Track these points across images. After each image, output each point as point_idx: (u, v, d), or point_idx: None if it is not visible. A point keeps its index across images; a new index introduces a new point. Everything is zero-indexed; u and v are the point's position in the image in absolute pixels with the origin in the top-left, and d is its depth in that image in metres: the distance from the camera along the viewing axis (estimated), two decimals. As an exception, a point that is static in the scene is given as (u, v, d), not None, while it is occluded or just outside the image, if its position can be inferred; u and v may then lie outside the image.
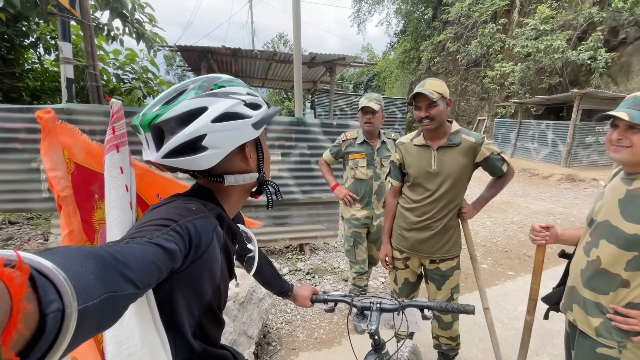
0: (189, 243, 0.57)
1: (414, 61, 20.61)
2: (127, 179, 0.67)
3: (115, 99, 0.66)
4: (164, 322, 0.63)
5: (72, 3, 3.12)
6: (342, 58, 7.41)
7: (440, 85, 1.63)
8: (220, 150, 0.65)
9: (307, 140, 3.47)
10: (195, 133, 0.62)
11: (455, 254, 1.85)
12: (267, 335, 2.54)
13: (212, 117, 0.63)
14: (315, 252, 3.87)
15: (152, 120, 0.62)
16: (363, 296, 1.18)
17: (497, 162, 1.73)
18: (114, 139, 0.66)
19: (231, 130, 0.66)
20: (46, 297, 0.28)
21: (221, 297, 0.75)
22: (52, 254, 0.32)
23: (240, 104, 0.68)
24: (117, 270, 0.39)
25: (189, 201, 0.66)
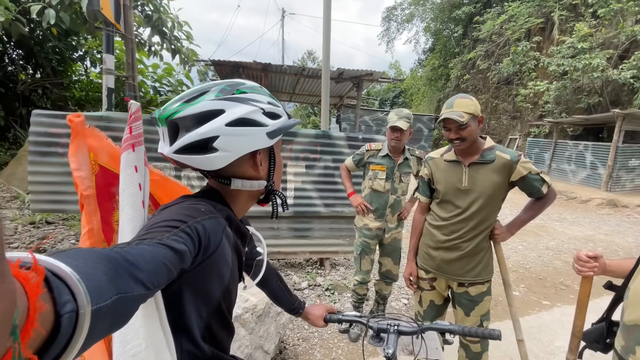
0: (198, 244, 0.58)
1: (442, 78, 20.42)
2: (141, 178, 0.68)
3: (134, 101, 0.68)
4: (172, 322, 0.63)
5: (117, 18, 3.33)
6: (370, 73, 7.45)
7: (470, 104, 1.55)
8: (230, 153, 0.66)
9: (332, 154, 3.45)
10: (208, 134, 0.63)
11: (486, 278, 1.73)
12: (284, 351, 2.47)
13: (228, 120, 0.64)
14: (336, 268, 3.78)
15: (171, 115, 0.64)
16: (380, 317, 1.11)
17: (536, 183, 1.61)
18: (130, 138, 0.67)
19: (244, 136, 0.67)
20: (61, 298, 0.29)
21: (231, 300, 0.75)
22: (65, 256, 0.33)
23: (258, 112, 0.69)
24: (128, 272, 0.40)
25: (198, 202, 0.67)
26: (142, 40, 7.61)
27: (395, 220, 2.53)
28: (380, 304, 2.76)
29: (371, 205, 2.49)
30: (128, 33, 3.54)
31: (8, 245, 3.20)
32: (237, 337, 1.98)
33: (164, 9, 7.45)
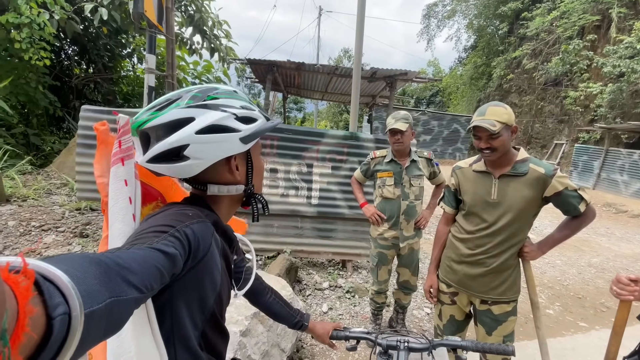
0: (188, 247, 0.57)
1: (483, 78, 19.46)
2: (131, 192, 0.68)
3: (122, 115, 0.69)
4: (167, 333, 0.63)
5: (159, 20, 3.51)
6: (404, 73, 7.26)
7: (504, 113, 1.46)
8: (202, 161, 0.66)
9: (359, 156, 3.41)
10: (177, 142, 0.63)
11: (511, 297, 1.63)
12: (301, 350, 2.51)
13: (197, 128, 0.64)
14: (358, 271, 3.76)
15: (141, 125, 0.64)
16: (388, 333, 1.09)
17: (572, 200, 1.48)
18: (119, 152, 0.67)
19: (215, 143, 0.66)
20: (52, 300, 0.28)
21: (222, 305, 0.74)
22: (55, 261, 0.33)
23: (229, 117, 0.68)
24: (120, 275, 0.39)
25: (185, 208, 0.67)
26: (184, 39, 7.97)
27: (411, 228, 2.42)
28: (400, 312, 2.70)
29: (384, 214, 2.42)
30: (169, 34, 3.72)
31: (55, 228, 3.50)
32: (255, 333, 2.04)
33: (205, 9, 7.74)
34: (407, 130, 2.24)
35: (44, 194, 4.41)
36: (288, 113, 32.21)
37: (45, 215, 3.71)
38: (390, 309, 3.01)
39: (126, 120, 0.71)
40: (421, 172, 2.39)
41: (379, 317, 2.74)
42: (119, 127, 0.70)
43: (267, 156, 3.35)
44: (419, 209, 2.44)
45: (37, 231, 3.38)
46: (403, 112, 2.29)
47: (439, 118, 17.47)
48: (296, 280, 3.31)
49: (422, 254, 4.38)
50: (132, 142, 0.72)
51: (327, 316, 2.91)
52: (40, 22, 5.01)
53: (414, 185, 2.37)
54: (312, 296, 3.17)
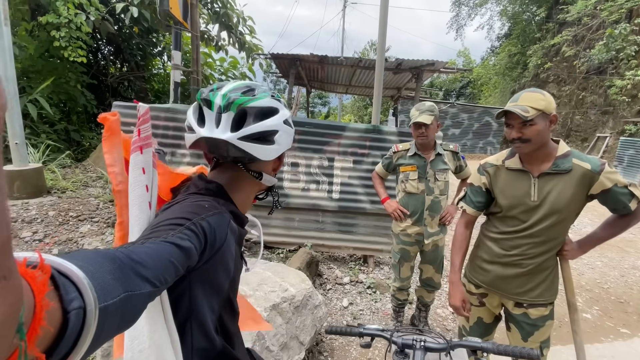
0: (204, 240, 0.58)
1: (518, 67, 18.41)
2: (148, 180, 0.69)
3: (142, 104, 0.70)
4: (183, 320, 0.64)
5: (184, 16, 3.58)
6: (431, 64, 7.00)
7: (540, 99, 1.30)
8: (281, 147, 0.74)
9: (382, 149, 3.33)
10: (273, 127, 0.71)
11: (549, 299, 1.50)
12: (320, 344, 2.50)
13: (284, 118, 0.73)
14: (380, 267, 3.70)
15: (243, 103, 0.68)
16: (404, 331, 1.05)
17: (623, 197, 1.31)
18: (138, 140, 0.68)
19: (289, 135, 0.76)
20: (67, 295, 0.29)
21: (236, 287, 0.79)
22: (71, 257, 0.33)
23: (289, 117, 0.77)
24: (134, 270, 0.40)
25: (201, 199, 0.67)
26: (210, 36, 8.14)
27: (435, 224, 2.33)
28: (422, 310, 2.63)
29: (407, 209, 2.33)
30: (194, 30, 3.79)
31: (90, 219, 3.71)
32: (273, 325, 2.05)
33: (231, 5, 7.84)
34: (432, 123, 2.13)
35: (81, 186, 4.69)
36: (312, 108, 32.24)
37: (81, 206, 3.94)
38: (413, 306, 2.94)
39: (146, 110, 0.72)
40: (447, 166, 2.28)
41: (400, 314, 2.68)
42: (139, 116, 0.71)
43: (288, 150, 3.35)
44: (444, 204, 2.34)
45: (74, 221, 3.60)
46: (428, 104, 2.18)
47: (469, 111, 16.76)
48: (317, 275, 3.31)
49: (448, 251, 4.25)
50: (150, 132, 0.74)
51: (347, 311, 2.89)
52: (77, 22, 5.28)
53: (439, 180, 2.26)
54: (332, 290, 3.16)
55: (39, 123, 6.09)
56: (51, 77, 6.10)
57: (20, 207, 3.58)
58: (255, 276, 2.36)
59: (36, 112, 5.80)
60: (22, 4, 5.38)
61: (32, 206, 3.64)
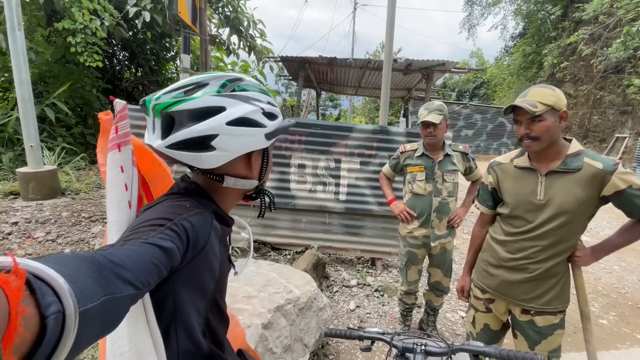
0: (186, 240, 0.56)
1: (533, 67, 18.01)
2: (127, 178, 0.67)
3: (119, 100, 0.68)
4: (167, 323, 0.62)
5: (193, 20, 3.63)
6: (442, 64, 6.91)
7: (550, 94, 1.26)
8: (227, 153, 0.64)
9: (390, 150, 3.29)
10: (207, 131, 0.60)
11: (559, 307, 1.43)
12: (326, 346, 2.47)
13: (229, 119, 0.62)
14: (388, 269, 3.64)
15: (167, 107, 0.60)
16: (405, 335, 1.02)
17: (638, 200, 1.24)
18: (116, 138, 0.66)
19: (243, 136, 0.65)
20: (44, 299, 0.28)
21: (223, 290, 0.76)
22: (48, 260, 0.32)
23: (258, 112, 0.67)
24: (114, 273, 0.39)
25: (182, 199, 0.65)
26: (221, 40, 8.26)
27: (443, 227, 2.27)
28: (431, 315, 2.56)
29: (414, 211, 2.28)
30: (202, 34, 3.84)
31: (102, 220, 3.78)
32: (277, 326, 2.04)
33: (241, 9, 7.94)
34: (440, 122, 2.09)
35: (94, 188, 4.79)
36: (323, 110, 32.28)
37: (94, 207, 4.02)
38: (421, 310, 2.88)
39: (123, 106, 0.71)
40: (455, 167, 2.22)
41: (408, 318, 2.63)
42: (116, 113, 0.70)
43: (295, 151, 3.35)
44: (452, 206, 2.27)
45: (87, 222, 3.67)
46: (437, 103, 2.14)
47: (482, 111, 16.48)
48: (324, 277, 3.28)
49: (459, 254, 4.16)
50: (129, 129, 0.72)
51: (354, 314, 2.85)
52: (92, 28, 5.43)
53: (448, 181, 2.21)
54: (339, 293, 3.13)
55: (56, 127, 6.28)
56: (68, 82, 6.28)
57: (34, 208, 3.68)
58: (261, 277, 2.35)
59: (54, 116, 5.98)
60: (38, 10, 5.57)
61: (46, 207, 3.74)
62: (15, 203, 3.80)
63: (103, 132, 0.76)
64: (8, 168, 5.04)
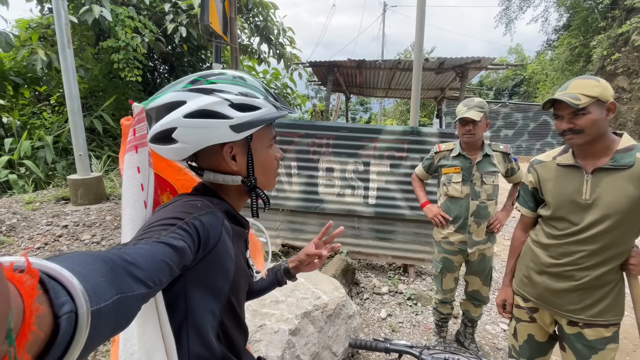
0: (197, 239, 0.57)
1: (580, 60, 16.74)
2: (143, 179, 0.68)
3: (137, 104, 0.71)
4: (178, 323, 0.62)
5: (224, 30, 3.75)
6: (477, 61, 6.59)
7: (594, 85, 1.16)
8: (188, 145, 0.66)
9: (421, 152, 3.16)
10: (167, 125, 0.65)
11: (611, 320, 1.28)
12: (355, 355, 2.39)
13: (186, 112, 0.64)
14: (422, 277, 3.49)
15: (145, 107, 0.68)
16: (436, 349, 0.94)
17: None
18: (134, 140, 0.68)
19: (202, 128, 0.65)
20: (57, 299, 0.28)
21: (239, 294, 0.74)
22: (61, 260, 0.33)
23: (222, 103, 0.66)
24: (127, 271, 0.39)
25: (194, 199, 0.66)
26: (253, 49, 8.51)
27: (482, 232, 2.11)
28: (468, 326, 2.40)
29: (449, 215, 2.15)
30: (233, 43, 3.95)
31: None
32: (305, 333, 2.00)
33: (271, 18, 8.13)
34: (481, 120, 1.96)
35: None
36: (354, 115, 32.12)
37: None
38: (458, 321, 2.71)
39: (140, 109, 0.72)
40: (495, 169, 2.07)
41: (443, 330, 2.47)
42: (134, 116, 0.72)
43: (322, 155, 3.32)
44: (492, 210, 2.12)
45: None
46: (477, 99, 2.02)
47: (523, 110, 15.52)
48: (353, 283, 3.20)
49: (500, 262, 3.89)
50: (146, 131, 0.73)
51: (385, 322, 2.74)
52: (134, 45, 5.81)
53: (487, 183, 2.06)
54: (370, 300, 3.03)
55: (103, 137, 6.77)
56: (114, 95, 6.75)
57: (82, 212, 3.96)
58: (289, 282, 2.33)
59: (101, 127, 6.44)
60: (87, 30, 6.05)
61: (93, 211, 4.00)
62: (66, 207, 4.11)
63: (124, 137, 0.77)
64: (62, 175, 5.48)
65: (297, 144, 3.31)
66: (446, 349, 0.97)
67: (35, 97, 7.17)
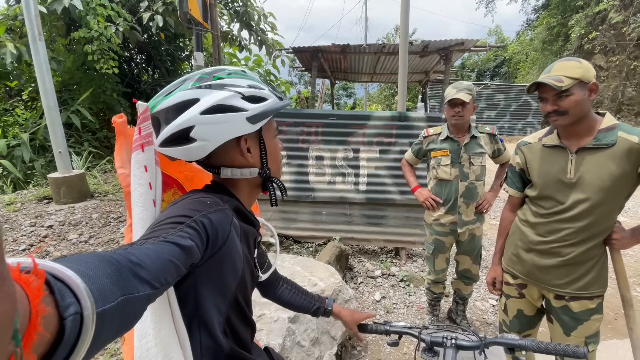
0: (206, 237, 0.57)
1: (559, 40, 17.01)
2: (151, 177, 0.68)
3: (141, 102, 0.69)
4: (190, 318, 0.64)
5: (204, 17, 3.62)
6: (460, 43, 6.61)
7: (576, 67, 1.19)
8: (209, 142, 0.65)
9: (410, 137, 3.19)
10: (183, 124, 0.63)
11: (595, 292, 1.35)
12: (353, 338, 2.46)
13: (202, 109, 0.63)
14: (413, 259, 3.58)
15: (151, 110, 0.66)
16: (433, 328, 0.98)
17: None
18: (139, 139, 0.67)
19: (221, 123, 0.65)
20: (63, 300, 0.28)
21: (247, 292, 0.75)
22: (67, 261, 0.33)
23: (235, 97, 0.66)
24: (132, 272, 0.39)
25: (204, 196, 0.66)
26: (233, 36, 8.26)
27: (471, 212, 2.18)
28: (460, 304, 2.49)
29: (439, 197, 2.20)
30: (214, 30, 3.83)
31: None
32: (304, 320, 2.03)
33: (250, 3, 7.89)
34: (469, 102, 2.00)
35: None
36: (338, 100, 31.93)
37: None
38: (450, 299, 2.81)
39: (145, 108, 0.72)
40: (483, 150, 2.12)
41: (436, 308, 2.56)
42: (138, 115, 0.71)
43: (312, 143, 3.31)
44: (480, 190, 2.18)
45: (116, 222, 3.80)
46: (466, 83, 2.05)
47: (505, 91, 15.75)
48: (347, 268, 3.26)
49: (487, 240, 4.02)
50: (151, 129, 0.73)
51: (380, 305, 2.82)
52: (107, 35, 5.55)
53: (475, 164, 2.11)
54: (364, 284, 3.10)
55: (82, 132, 6.52)
56: (89, 88, 6.48)
57: (67, 211, 3.85)
58: (285, 271, 2.35)
59: (79, 122, 6.20)
60: (57, 20, 5.74)
61: (78, 210, 3.90)
62: (49, 207, 3.99)
63: (118, 135, 0.75)
64: (41, 174, 5.29)
65: (286, 133, 3.28)
66: (442, 328, 1.01)
67: (6, 93, 6.82)
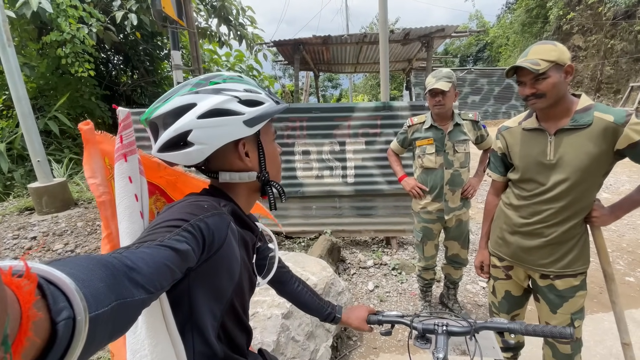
0: (202, 242, 0.57)
1: (538, 22, 17.20)
2: (136, 188, 0.67)
3: (122, 108, 0.67)
4: (183, 322, 0.63)
5: (179, 14, 3.53)
6: (441, 29, 6.63)
7: (552, 50, 1.21)
8: (206, 146, 0.65)
9: (395, 127, 3.20)
10: (181, 129, 0.63)
11: (579, 269, 1.39)
12: (348, 329, 2.49)
13: (199, 113, 0.63)
14: (404, 247, 3.62)
15: (149, 116, 0.65)
16: (425, 316, 1.00)
17: None
18: (121, 147, 0.65)
19: (218, 127, 0.65)
20: (56, 305, 0.28)
21: (244, 297, 0.74)
22: (61, 264, 0.32)
23: (232, 101, 0.66)
24: (127, 277, 0.39)
25: (201, 199, 0.66)
26: (212, 32, 8.09)
27: (457, 199, 2.21)
28: (451, 288, 2.54)
29: (426, 186, 2.23)
30: (190, 27, 3.73)
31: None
32: (297, 315, 2.04)
33: (228, -3, 7.70)
34: (449, 90, 2.00)
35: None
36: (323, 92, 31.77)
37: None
38: (441, 284, 2.86)
39: (126, 114, 0.70)
40: (466, 137, 2.14)
41: (428, 294, 2.61)
42: (119, 122, 0.69)
43: (297, 138, 3.28)
44: (465, 177, 2.21)
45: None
46: (445, 70, 2.05)
47: (488, 75, 15.92)
48: (340, 260, 3.28)
49: (475, 224, 4.09)
50: (133, 137, 0.71)
51: (373, 294, 2.85)
52: (80, 36, 5.36)
53: (459, 152, 2.13)
54: (357, 275, 3.13)
55: (62, 139, 6.34)
56: (66, 92, 6.28)
57: (50, 221, 3.75)
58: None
59: (57, 129, 6.02)
60: (27, 24, 5.51)
61: (62, 219, 3.81)
62: (32, 218, 3.88)
63: (86, 143, 0.72)
64: (21, 184, 5.14)
65: (270, 129, 3.25)
66: (434, 315, 1.02)
67: (-22, 102, 6.56)
